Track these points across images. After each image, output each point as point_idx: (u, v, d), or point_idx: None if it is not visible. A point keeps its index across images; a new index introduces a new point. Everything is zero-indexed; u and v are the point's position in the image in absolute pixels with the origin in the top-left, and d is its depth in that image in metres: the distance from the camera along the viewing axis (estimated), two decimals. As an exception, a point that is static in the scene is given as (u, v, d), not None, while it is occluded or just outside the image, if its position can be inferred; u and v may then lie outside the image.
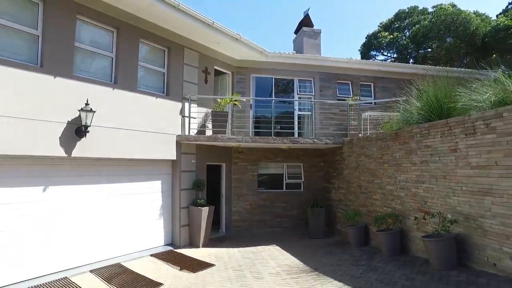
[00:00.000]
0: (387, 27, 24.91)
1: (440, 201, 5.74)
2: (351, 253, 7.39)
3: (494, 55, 17.92)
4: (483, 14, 22.85)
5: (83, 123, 6.28)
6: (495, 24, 19.25)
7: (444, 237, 5.28)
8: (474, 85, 5.67)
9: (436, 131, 5.88)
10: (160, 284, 5.89)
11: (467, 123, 5.16)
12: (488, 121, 4.77)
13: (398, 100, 8.13)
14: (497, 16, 24.47)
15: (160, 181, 8.20)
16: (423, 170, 6.19)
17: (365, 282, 5.20)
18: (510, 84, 5.07)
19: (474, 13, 21.93)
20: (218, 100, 9.25)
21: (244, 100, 10.05)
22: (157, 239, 8.05)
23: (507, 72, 5.39)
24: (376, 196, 7.79)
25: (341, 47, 48.92)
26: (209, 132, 9.26)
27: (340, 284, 5.23)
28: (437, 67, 12.88)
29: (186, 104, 8.66)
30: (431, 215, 5.72)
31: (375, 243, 7.61)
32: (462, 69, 13.99)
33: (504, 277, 4.43)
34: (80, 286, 5.70)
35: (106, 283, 5.90)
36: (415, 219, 6.18)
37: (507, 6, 24.29)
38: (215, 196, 9.91)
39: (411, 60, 25.47)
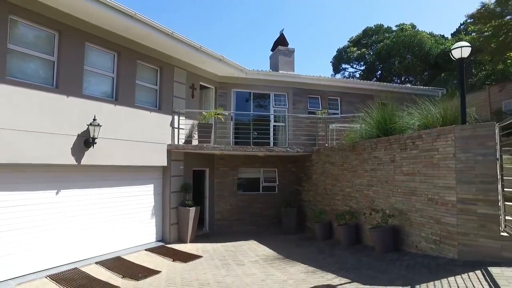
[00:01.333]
0: (356, 42, 27.05)
1: (384, 200, 7.32)
2: (317, 245, 8.86)
3: (443, 74, 20.26)
4: (437, 35, 25.46)
5: (91, 136, 7.37)
6: (444, 46, 21.73)
7: (384, 228, 6.85)
8: (411, 109, 7.31)
9: (381, 145, 7.47)
10: (159, 271, 7.07)
11: (401, 141, 6.77)
12: (414, 140, 6.39)
13: (359, 115, 9.74)
14: (451, 34, 27.28)
15: (153, 185, 9.35)
16: (372, 176, 7.77)
17: (324, 263, 6.66)
18: (433, 110, 6.73)
19: (429, 34, 24.40)
20: (204, 113, 10.51)
21: (226, 113, 11.35)
22: (150, 236, 9.18)
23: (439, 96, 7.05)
24: (338, 197, 9.33)
25: (315, 59, 51.59)
26: (195, 142, 10.49)
27: (305, 265, 6.66)
28: (393, 84, 14.77)
29: (176, 117, 9.86)
30: (376, 211, 7.28)
31: (337, 236, 9.12)
32: (415, 86, 16.08)
33: (420, 254, 6.03)
34: (90, 274, 6.78)
35: (112, 272, 6.99)
36: (365, 215, 7.74)
37: (459, 26, 27.18)
38: (199, 197, 11.11)
39: (378, 72, 27.81)
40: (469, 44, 5.91)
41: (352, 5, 53.46)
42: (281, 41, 15.06)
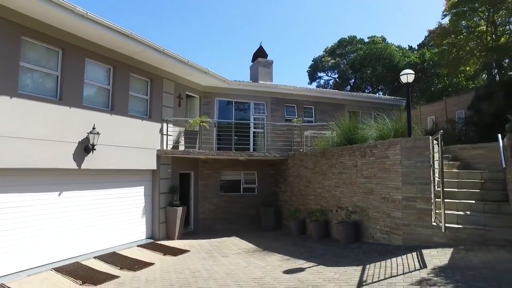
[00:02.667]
0: (331, 52, 28.76)
1: (348, 199, 8.60)
2: (292, 239, 10.04)
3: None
4: (404, 48, 27.58)
5: (91, 143, 8.22)
6: (410, 59, 23.74)
7: (347, 223, 8.12)
8: (371, 122, 8.65)
9: (346, 152, 8.75)
10: (152, 263, 8.00)
11: (362, 149, 8.06)
12: (371, 148, 7.69)
13: (330, 124, 11.02)
14: (417, 45, 29.49)
15: (143, 187, 10.23)
16: (339, 179, 9.04)
17: (297, 253, 7.83)
18: (389, 124, 8.08)
19: (397, 46, 26.45)
20: (190, 121, 11.49)
21: (210, 121, 12.37)
22: (141, 233, 10.06)
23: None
24: (311, 197, 10.56)
25: (293, 67, 53.62)
26: (182, 147, 11.44)
27: (281, 255, 7.80)
28: (362, 94, 16.25)
29: (165, 124, 10.79)
30: (341, 209, 8.53)
31: (309, 232, 10.33)
32: (382, 96, 17.66)
33: (376, 243, 7.33)
34: (91, 267, 7.61)
35: (110, 265, 7.84)
36: (332, 212, 8.99)
37: (424, 39, 29.42)
38: (185, 198, 12.04)
39: (352, 80, 29.60)
40: (413, 72, 7.29)
41: (328, 17, 55.81)
42: (261, 52, 16.23)
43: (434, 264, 5.41)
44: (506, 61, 12.70)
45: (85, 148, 8.20)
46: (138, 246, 9.47)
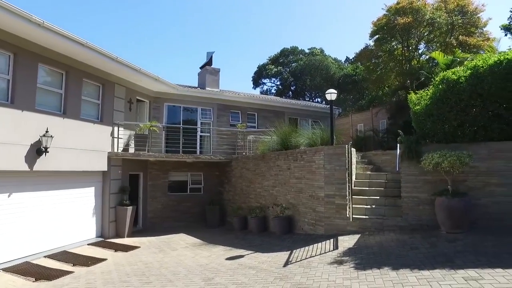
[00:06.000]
0: (274, 60, 30.68)
1: (283, 197, 10.03)
2: (235, 234, 11.22)
3: (341, 96, 24.82)
4: (340, 61, 30.55)
5: (44, 145, 8.55)
6: (344, 72, 26.55)
7: (282, 217, 9.54)
8: (305, 130, 10.17)
9: (282, 157, 10.18)
10: (105, 259, 8.60)
11: (294, 154, 9.54)
12: (301, 154, 9.20)
13: (271, 130, 12.42)
14: (352, 58, 32.62)
15: (94, 187, 10.64)
16: (276, 179, 10.44)
17: (238, 245, 9.04)
18: (317, 133, 9.66)
19: (334, 59, 29.26)
20: (140, 125, 12.09)
21: (160, 126, 13.06)
22: (91, 232, 10.46)
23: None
24: (251, 196, 11.85)
25: (239, 72, 55.30)
26: (132, 150, 12.00)
27: (224, 246, 8.95)
28: (300, 102, 18.09)
29: (116, 128, 11.29)
30: (277, 205, 9.93)
31: (250, 227, 11.59)
32: (319, 104, 19.75)
33: (304, 234, 8.84)
34: (42, 265, 7.95)
35: (62, 262, 8.25)
36: (269, 209, 10.36)
37: (361, 49, 32.68)
38: (134, 198, 12.57)
39: (293, 87, 31.76)
40: (335, 91, 8.94)
41: (273, 26, 58.40)
42: (209, 62, 17.18)
43: (344, 246, 6.98)
44: (415, 82, 15.32)
45: (37, 150, 8.51)
46: (89, 244, 9.90)
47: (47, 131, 8.60)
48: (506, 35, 23.46)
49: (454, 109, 7.37)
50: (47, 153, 8.62)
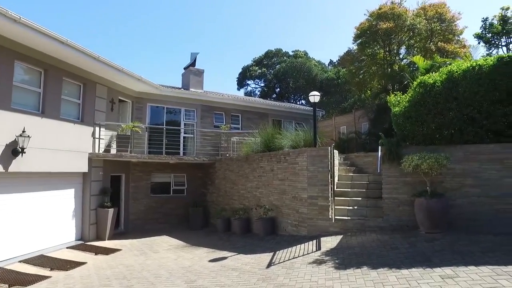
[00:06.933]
0: (258, 62, 30.81)
1: (266, 199, 10.06)
2: (218, 235, 11.16)
3: (324, 98, 25.15)
4: (323, 64, 30.96)
5: (20, 146, 8.28)
6: (327, 74, 26.93)
7: (265, 219, 9.57)
8: (288, 131, 10.24)
9: (265, 158, 10.23)
10: (85, 263, 8.39)
11: (278, 156, 9.60)
12: (285, 156, 9.26)
13: (254, 131, 12.43)
14: (336, 60, 33.08)
15: (74, 189, 10.38)
16: (259, 181, 10.47)
17: (222, 246, 9.01)
18: (301, 135, 9.74)
19: (317, 62, 29.65)
20: (122, 125, 11.89)
21: (143, 126, 12.88)
22: (70, 235, 10.19)
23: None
24: (235, 197, 11.84)
25: (224, 72, 55.20)
26: (113, 151, 11.78)
27: (207, 248, 8.90)
28: (284, 104, 18.23)
29: (97, 128, 11.06)
30: (260, 207, 9.96)
31: (234, 228, 11.56)
32: (302, 106, 19.93)
33: (287, 235, 8.90)
34: (17, 270, 7.66)
35: (38, 267, 7.95)
36: (252, 210, 10.37)
37: (344, 53, 33.20)
38: (116, 199, 12.33)
39: (277, 89, 31.94)
40: (318, 94, 9.06)
41: (259, 28, 58.57)
42: (193, 63, 17.06)
43: (327, 247, 7.06)
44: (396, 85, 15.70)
45: (13, 151, 8.23)
46: (68, 247, 9.65)
47: (23, 131, 8.33)
48: (479, 43, 24.45)
49: (432, 111, 7.60)
50: (23, 154, 8.35)
